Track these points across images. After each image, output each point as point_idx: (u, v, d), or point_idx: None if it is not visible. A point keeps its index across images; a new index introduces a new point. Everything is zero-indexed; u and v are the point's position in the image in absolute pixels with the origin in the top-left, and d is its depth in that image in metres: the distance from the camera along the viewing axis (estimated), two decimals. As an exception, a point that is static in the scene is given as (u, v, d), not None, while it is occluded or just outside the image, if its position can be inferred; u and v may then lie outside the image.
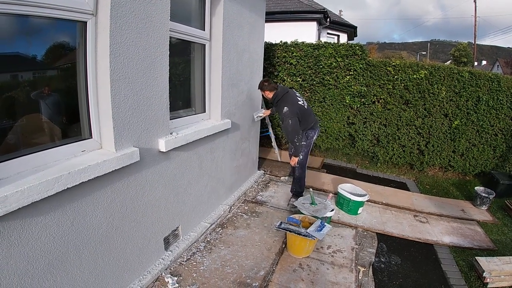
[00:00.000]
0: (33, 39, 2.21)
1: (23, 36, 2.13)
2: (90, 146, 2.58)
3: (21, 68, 2.22)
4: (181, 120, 3.77)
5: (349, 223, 4.78)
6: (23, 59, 2.20)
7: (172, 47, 3.17)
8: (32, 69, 2.30)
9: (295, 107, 4.66)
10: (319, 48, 7.38)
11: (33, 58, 2.26)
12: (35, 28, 2.20)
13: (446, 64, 7.41)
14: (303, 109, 4.78)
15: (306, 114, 4.83)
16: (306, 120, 4.82)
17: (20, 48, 2.16)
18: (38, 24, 2.19)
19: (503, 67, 40.65)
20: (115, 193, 2.65)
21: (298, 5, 13.12)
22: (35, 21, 2.14)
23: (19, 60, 2.18)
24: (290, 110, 4.59)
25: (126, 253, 2.89)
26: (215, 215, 4.48)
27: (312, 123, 4.95)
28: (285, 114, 4.60)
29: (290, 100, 4.71)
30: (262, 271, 3.50)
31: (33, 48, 2.24)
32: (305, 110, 4.81)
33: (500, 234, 4.98)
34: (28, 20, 2.08)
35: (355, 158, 8.09)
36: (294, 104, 4.69)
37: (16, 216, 1.87)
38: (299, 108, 4.71)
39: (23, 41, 2.15)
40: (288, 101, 4.69)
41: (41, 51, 2.30)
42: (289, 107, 4.60)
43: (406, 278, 3.74)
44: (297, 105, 4.70)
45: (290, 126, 4.59)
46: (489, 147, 7.05)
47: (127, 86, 2.62)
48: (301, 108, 4.74)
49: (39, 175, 2.02)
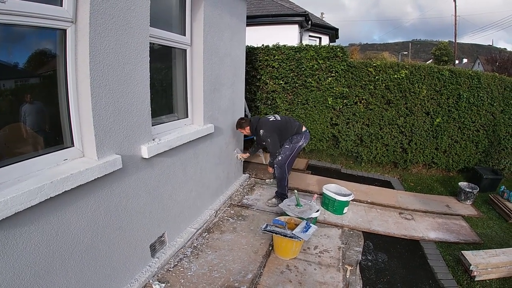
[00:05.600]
0: (13, 47, 2.20)
1: (3, 44, 2.12)
2: (72, 154, 2.55)
3: (1, 76, 2.20)
4: (163, 126, 3.76)
5: (335, 223, 4.81)
6: (3, 67, 2.17)
7: (153, 53, 3.16)
8: (13, 77, 2.28)
9: (268, 125, 5.11)
10: (301, 51, 7.43)
11: (14, 66, 2.24)
12: (15, 36, 2.18)
13: (426, 64, 7.51)
14: (277, 122, 5.17)
15: (283, 124, 5.16)
16: (285, 129, 5.15)
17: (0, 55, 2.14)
18: (18, 32, 2.17)
19: (484, 65, 41.18)
20: (98, 201, 2.63)
21: (280, 9, 13.19)
22: (15, 29, 2.13)
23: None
24: (265, 130, 5.07)
25: (112, 261, 2.87)
26: (201, 220, 4.47)
27: (295, 129, 5.18)
28: (263, 136, 5.09)
29: (262, 123, 5.17)
30: (250, 274, 3.50)
31: (13, 56, 2.22)
32: (279, 122, 5.16)
33: (486, 228, 5.07)
34: (7, 28, 2.07)
35: (340, 158, 8.16)
36: (266, 124, 5.14)
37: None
38: (272, 123, 5.14)
39: (3, 49, 2.13)
40: (261, 125, 5.14)
41: (22, 59, 2.28)
42: (264, 129, 5.08)
43: (394, 275, 3.78)
44: (269, 123, 5.14)
45: (270, 144, 5.06)
46: (471, 143, 7.19)
47: (108, 93, 2.61)
48: (275, 122, 5.16)
49: (21, 185, 1.99)
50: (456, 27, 32.78)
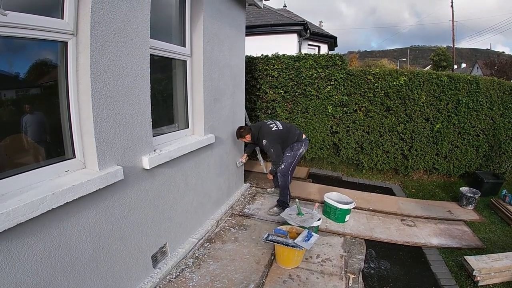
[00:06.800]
0: (14, 58, 2.22)
1: (4, 54, 2.14)
2: (73, 166, 2.57)
3: (3, 87, 2.22)
4: (164, 137, 3.78)
5: (337, 231, 4.81)
6: (4, 77, 2.20)
7: (153, 64, 3.19)
8: (14, 87, 2.30)
9: (271, 135, 5.07)
10: (300, 60, 7.46)
11: (15, 76, 2.26)
12: (16, 47, 2.20)
13: (425, 70, 7.55)
14: (279, 131, 5.14)
15: (285, 133, 5.16)
16: (287, 138, 5.16)
17: (1, 66, 2.16)
18: (20, 43, 2.19)
19: (482, 69, 41.32)
20: (100, 213, 2.63)
21: (278, 18, 13.29)
22: (17, 40, 2.15)
23: (1, 79, 2.18)
24: (268, 141, 5.04)
25: (114, 272, 2.87)
26: (203, 230, 4.46)
27: (295, 137, 5.19)
28: (266, 146, 5.07)
29: (264, 132, 5.13)
30: (252, 284, 3.49)
31: (14, 67, 2.24)
32: (281, 131, 5.14)
33: (488, 232, 5.06)
34: (9, 39, 2.09)
35: (340, 166, 8.15)
36: (269, 133, 5.10)
37: (2, 238, 1.85)
38: (275, 133, 5.10)
39: (4, 59, 2.16)
40: (264, 134, 5.11)
41: (23, 69, 2.30)
42: (267, 139, 5.05)
43: (397, 282, 3.76)
44: (272, 133, 5.10)
45: (274, 154, 5.05)
46: (471, 147, 7.18)
47: (109, 104, 2.63)
48: (277, 132, 5.13)
49: (23, 196, 2.00)
50: (454, 32, 32.88)
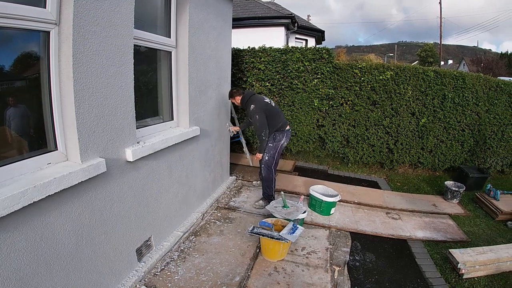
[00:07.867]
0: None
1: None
2: (56, 158, 2.52)
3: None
4: (148, 129, 3.73)
5: (322, 224, 4.83)
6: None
7: (137, 55, 3.14)
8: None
9: (261, 104, 4.95)
10: (287, 53, 7.44)
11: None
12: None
13: (411, 65, 7.58)
14: (270, 106, 5.02)
15: (274, 112, 5.03)
16: (274, 119, 5.00)
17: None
18: (1, 34, 2.14)
19: (469, 65, 41.79)
20: (83, 205, 2.59)
21: (266, 11, 13.20)
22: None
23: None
24: (256, 107, 4.88)
25: (98, 266, 2.83)
26: (188, 223, 4.44)
27: (280, 123, 5.05)
28: (252, 111, 4.89)
29: (256, 99, 5.02)
30: (238, 277, 3.49)
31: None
32: (272, 108, 5.03)
33: (473, 226, 5.14)
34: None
35: (326, 159, 8.20)
36: (260, 101, 4.98)
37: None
38: (265, 104, 4.98)
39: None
40: (254, 100, 4.99)
41: (6, 61, 2.24)
42: (255, 104, 4.91)
43: (382, 274, 3.80)
44: (263, 102, 4.99)
45: (257, 121, 4.86)
46: (457, 142, 7.29)
47: (91, 95, 2.58)
48: (268, 105, 5.00)
49: (4, 190, 1.96)
50: (441, 28, 33.14)
